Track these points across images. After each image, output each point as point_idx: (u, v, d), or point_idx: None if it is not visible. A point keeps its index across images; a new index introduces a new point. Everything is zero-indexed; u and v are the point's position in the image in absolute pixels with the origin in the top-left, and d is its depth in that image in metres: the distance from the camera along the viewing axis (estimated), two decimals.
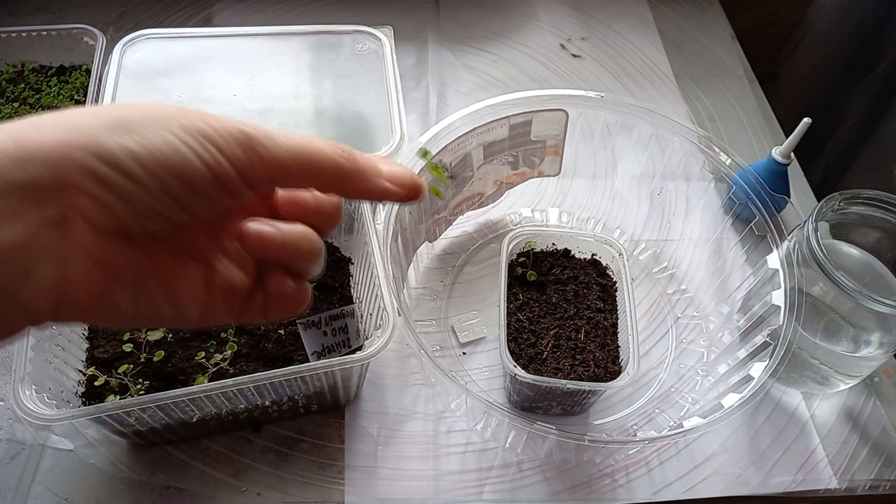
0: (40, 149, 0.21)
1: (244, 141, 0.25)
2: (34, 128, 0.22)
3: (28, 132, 0.22)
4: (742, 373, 0.56)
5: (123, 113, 0.23)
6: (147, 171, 0.23)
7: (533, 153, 0.69)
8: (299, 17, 0.91)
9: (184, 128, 0.24)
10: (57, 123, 0.22)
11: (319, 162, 0.26)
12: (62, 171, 0.22)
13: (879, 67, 0.95)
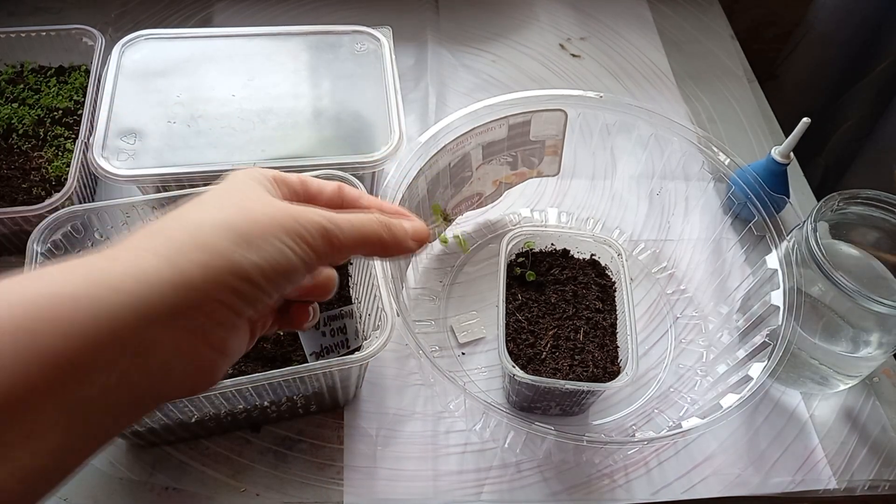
0: (190, 275, 0.26)
1: (324, 234, 0.30)
2: (181, 253, 0.26)
3: (179, 260, 0.26)
4: (741, 373, 0.56)
5: (242, 226, 0.28)
6: (268, 280, 0.28)
7: (532, 153, 0.69)
8: (298, 17, 0.91)
9: (286, 232, 0.29)
10: (196, 243, 0.27)
11: (371, 241, 0.33)
12: (209, 290, 0.26)
13: (879, 67, 0.95)
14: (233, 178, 0.32)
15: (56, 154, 0.69)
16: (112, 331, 0.23)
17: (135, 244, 0.26)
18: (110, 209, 0.57)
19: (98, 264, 0.25)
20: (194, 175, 0.60)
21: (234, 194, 0.30)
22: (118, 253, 0.26)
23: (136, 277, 0.25)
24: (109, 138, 0.62)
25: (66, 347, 0.22)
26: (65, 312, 0.23)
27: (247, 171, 0.33)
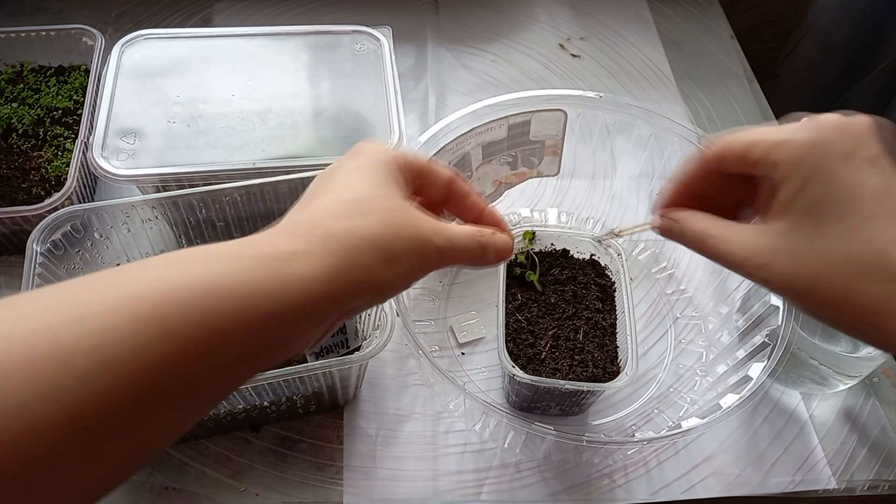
0: (341, 288, 0.29)
1: (439, 256, 0.34)
2: (339, 265, 0.29)
3: (337, 269, 0.29)
4: (741, 373, 0.56)
5: (385, 246, 0.31)
6: (392, 292, 0.33)
7: (532, 153, 0.69)
8: (298, 17, 0.91)
9: (416, 255, 0.33)
10: (350, 261, 0.30)
11: (465, 258, 0.37)
12: (349, 299, 0.30)
13: (879, 67, 0.95)
14: (372, 161, 0.35)
15: (56, 154, 0.69)
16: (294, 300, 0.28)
17: (306, 238, 0.30)
18: (110, 209, 0.57)
19: (282, 266, 0.28)
20: (194, 175, 0.60)
21: (378, 197, 0.33)
22: (297, 247, 0.29)
23: (314, 279, 0.29)
24: (109, 138, 0.62)
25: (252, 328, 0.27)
26: (266, 302, 0.27)
27: (383, 155, 0.36)
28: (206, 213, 0.61)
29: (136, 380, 0.23)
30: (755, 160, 0.35)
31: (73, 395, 0.22)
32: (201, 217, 0.61)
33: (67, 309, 0.23)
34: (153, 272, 0.26)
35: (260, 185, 0.59)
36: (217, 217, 0.62)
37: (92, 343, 0.22)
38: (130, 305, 0.24)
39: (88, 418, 0.22)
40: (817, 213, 0.33)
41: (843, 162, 0.33)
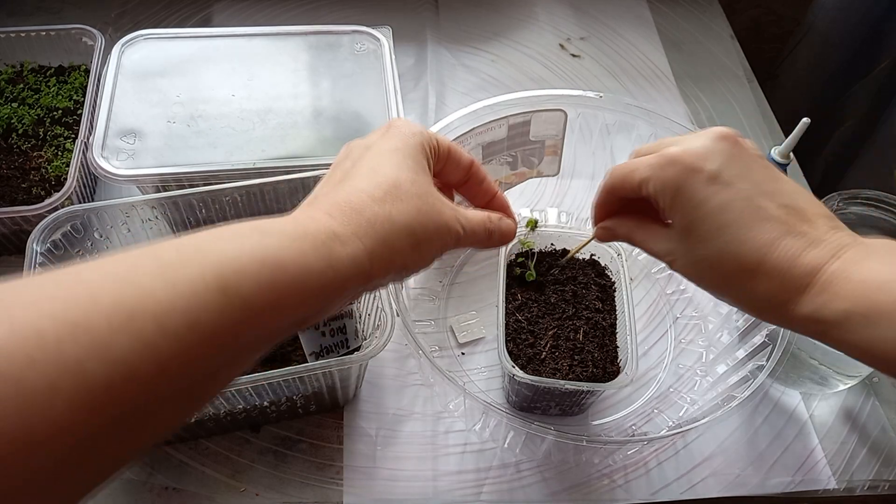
0: (378, 268, 0.33)
1: (458, 241, 0.38)
2: (377, 250, 0.33)
3: (374, 253, 0.33)
4: (741, 373, 0.56)
5: (419, 234, 0.35)
6: (416, 272, 0.37)
7: (532, 153, 0.69)
8: (298, 17, 0.91)
9: (441, 241, 0.37)
10: (387, 243, 0.34)
11: (476, 241, 0.40)
12: (382, 277, 0.34)
13: (879, 67, 0.95)
14: (404, 144, 0.38)
15: (56, 154, 0.69)
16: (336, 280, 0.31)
17: (350, 222, 0.33)
18: (110, 209, 0.57)
19: (332, 247, 0.31)
20: (194, 175, 0.60)
21: (410, 183, 0.36)
22: (343, 230, 0.32)
23: (353, 262, 0.32)
24: (109, 138, 0.62)
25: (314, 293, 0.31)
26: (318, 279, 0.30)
27: (414, 137, 0.38)
28: (206, 213, 0.61)
29: (216, 339, 0.26)
30: (635, 191, 0.42)
31: (164, 351, 0.24)
32: (201, 217, 0.61)
33: (159, 271, 0.26)
34: (230, 245, 0.28)
35: (260, 185, 0.59)
36: (217, 217, 0.62)
37: (182, 305, 0.25)
38: (216, 273, 0.27)
39: (175, 370, 0.25)
40: (685, 231, 0.40)
41: (690, 186, 0.39)
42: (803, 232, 0.37)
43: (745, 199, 0.38)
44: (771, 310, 0.38)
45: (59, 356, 0.22)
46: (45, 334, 0.22)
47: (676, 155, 0.40)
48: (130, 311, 0.24)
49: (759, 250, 0.37)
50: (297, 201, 0.62)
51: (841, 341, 0.36)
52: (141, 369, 0.24)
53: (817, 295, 0.36)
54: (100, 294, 0.24)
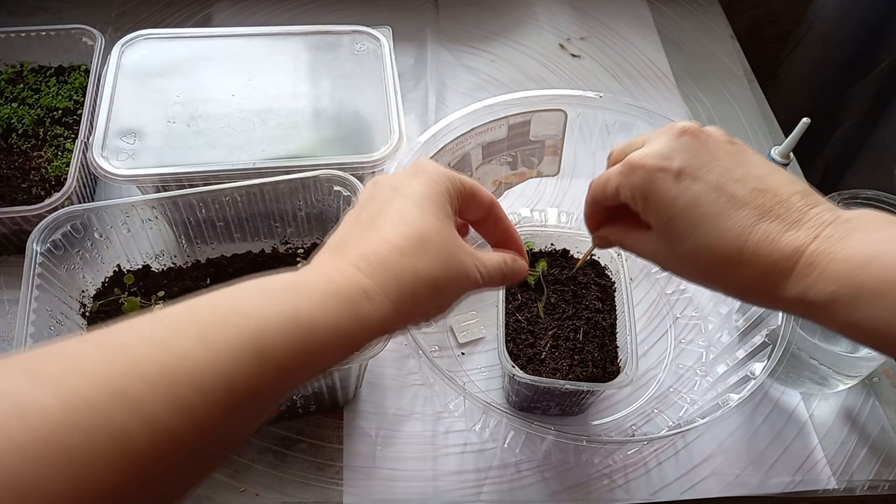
0: (400, 321, 0.35)
1: (476, 287, 0.39)
2: (401, 307, 0.34)
3: (399, 310, 0.34)
4: (741, 373, 0.56)
5: (441, 286, 0.36)
6: (435, 319, 0.38)
7: (532, 153, 0.69)
8: (298, 17, 0.91)
9: (461, 290, 0.38)
10: (413, 298, 0.35)
11: (491, 284, 0.40)
12: (405, 325, 0.36)
13: (879, 67, 0.95)
14: (431, 191, 0.38)
15: (56, 154, 0.69)
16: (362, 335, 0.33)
17: (377, 277, 0.34)
18: (110, 209, 0.57)
19: (359, 306, 0.32)
20: (194, 175, 0.60)
21: (436, 233, 0.37)
22: (370, 286, 0.33)
23: (380, 318, 0.33)
24: (109, 138, 0.62)
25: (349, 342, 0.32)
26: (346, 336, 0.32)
27: (440, 183, 0.39)
28: (206, 213, 0.61)
29: (249, 397, 0.27)
30: (614, 199, 0.43)
31: (203, 413, 0.25)
32: (201, 217, 0.61)
33: (198, 335, 0.27)
34: (265, 305, 0.29)
35: (260, 185, 0.59)
36: (217, 217, 0.62)
37: (220, 369, 0.26)
38: (252, 336, 0.28)
39: (211, 429, 0.26)
40: (662, 231, 0.41)
41: (658, 188, 0.39)
42: (778, 214, 0.37)
43: (714, 190, 0.38)
44: (760, 295, 0.38)
45: (105, 424, 0.23)
46: (91, 403, 0.23)
47: (639, 160, 0.40)
48: (171, 376, 0.25)
49: (736, 239, 0.37)
50: (297, 201, 0.62)
51: (831, 322, 0.35)
52: (181, 432, 0.25)
53: (802, 278, 0.36)
54: (141, 361, 0.25)
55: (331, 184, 0.60)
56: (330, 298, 0.31)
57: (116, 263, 0.62)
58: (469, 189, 0.41)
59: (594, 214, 0.47)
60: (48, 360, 0.24)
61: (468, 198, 0.41)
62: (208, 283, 0.62)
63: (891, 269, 0.33)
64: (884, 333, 0.33)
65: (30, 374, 0.23)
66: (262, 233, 0.65)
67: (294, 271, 0.33)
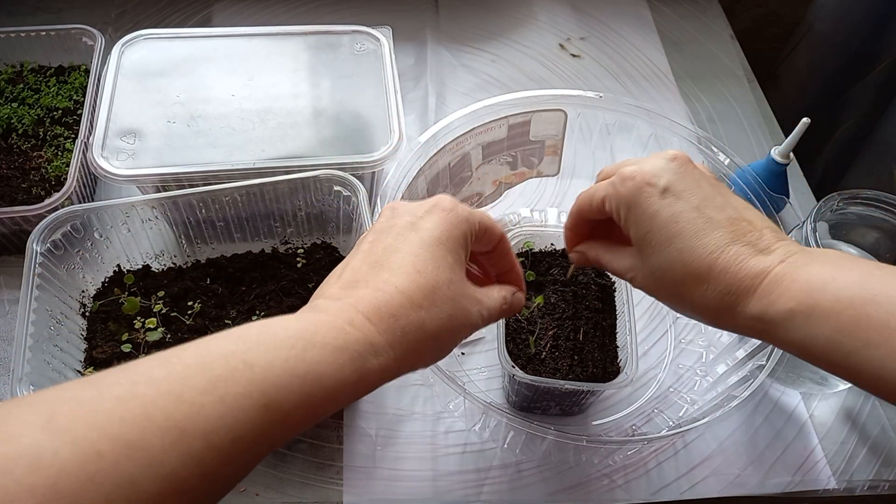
0: (405, 370, 0.37)
1: (476, 329, 0.41)
2: (406, 358, 0.36)
3: (403, 362, 0.36)
4: (741, 373, 0.56)
5: (444, 340, 0.39)
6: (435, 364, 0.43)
7: (532, 153, 0.69)
8: (298, 17, 0.91)
9: (462, 336, 0.41)
10: (416, 352, 0.37)
11: (491, 320, 0.42)
12: (408, 372, 0.38)
13: (879, 67, 0.95)
14: (446, 236, 0.39)
15: (56, 154, 0.69)
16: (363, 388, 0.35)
17: (388, 329, 0.35)
18: (110, 209, 0.58)
19: (365, 359, 0.34)
20: (194, 175, 0.60)
21: (447, 286, 0.38)
22: (376, 340, 0.34)
23: (381, 370, 0.35)
24: (109, 138, 0.62)
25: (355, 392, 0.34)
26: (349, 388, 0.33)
27: (457, 228, 0.40)
28: (206, 213, 0.61)
29: (255, 447, 0.29)
30: (599, 211, 0.45)
31: (210, 464, 0.27)
32: (201, 217, 0.61)
33: (209, 387, 0.28)
34: (275, 358, 0.30)
35: (260, 185, 0.59)
36: (217, 217, 0.62)
37: (229, 422, 0.28)
38: (260, 391, 0.29)
39: (217, 478, 0.28)
40: (640, 242, 0.42)
41: (643, 201, 0.42)
42: (750, 240, 0.40)
43: (694, 210, 0.40)
44: (720, 314, 0.40)
45: (115, 475, 0.24)
46: (104, 454, 0.24)
47: (631, 173, 0.42)
48: (182, 428, 0.26)
49: (708, 257, 0.39)
50: (297, 201, 0.62)
51: (783, 340, 0.38)
52: (189, 482, 0.26)
53: (764, 296, 0.38)
54: (153, 412, 0.26)
55: (331, 184, 0.60)
56: (339, 353, 0.32)
57: (116, 263, 0.62)
58: (483, 228, 0.42)
59: (575, 227, 0.49)
60: (65, 411, 0.25)
61: (481, 236, 0.42)
62: (208, 283, 0.62)
63: (844, 290, 0.35)
64: (827, 351, 0.35)
65: (48, 428, 0.24)
66: (262, 233, 0.65)
67: (308, 313, 0.35)
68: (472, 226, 0.41)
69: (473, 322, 0.40)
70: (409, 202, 0.42)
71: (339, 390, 0.32)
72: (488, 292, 0.42)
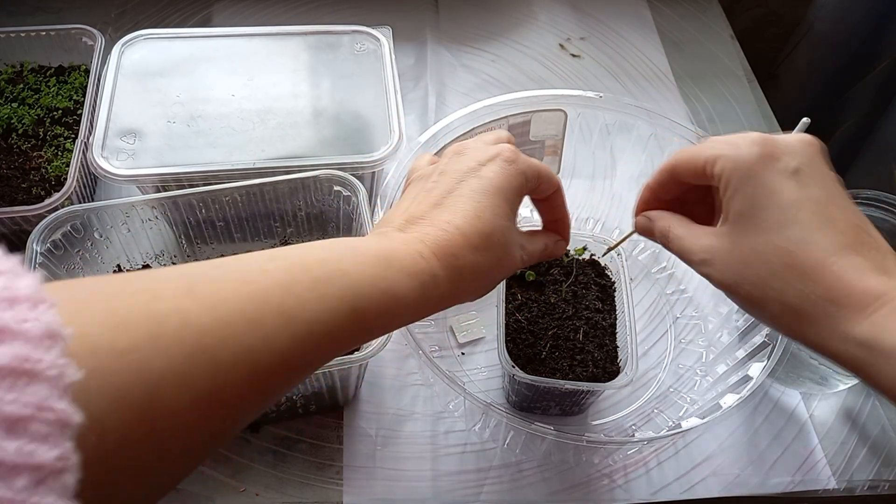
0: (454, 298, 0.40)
1: (515, 270, 0.44)
2: (459, 286, 0.39)
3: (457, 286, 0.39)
4: (741, 373, 0.56)
5: (491, 273, 0.41)
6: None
7: (532, 153, 0.69)
8: (298, 17, 0.91)
9: (505, 275, 0.45)
10: (464, 288, 0.40)
11: (536, 260, 0.47)
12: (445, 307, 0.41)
13: (879, 67, 0.95)
14: (505, 183, 0.41)
15: (56, 154, 0.69)
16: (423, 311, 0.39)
17: (449, 266, 0.38)
18: (110, 209, 0.57)
19: (427, 285, 0.37)
20: (194, 175, 0.60)
21: (500, 233, 0.40)
22: (439, 272, 0.37)
23: (438, 299, 0.38)
24: (109, 138, 0.62)
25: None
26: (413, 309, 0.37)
27: (518, 175, 0.42)
28: (206, 213, 0.61)
29: (340, 344, 0.33)
30: (701, 170, 0.41)
31: (309, 349, 0.31)
32: (201, 217, 0.61)
33: (312, 285, 0.32)
34: (365, 271, 0.34)
35: (260, 185, 0.59)
36: (217, 217, 0.62)
37: (326, 317, 0.31)
38: (353, 295, 0.33)
39: (310, 365, 0.32)
40: (743, 217, 0.38)
41: (768, 173, 0.37)
42: (874, 256, 0.36)
43: (818, 203, 0.37)
44: (814, 323, 0.36)
45: (240, 343, 0.28)
46: (232, 324, 0.28)
47: (761, 138, 0.38)
48: (290, 315, 0.30)
49: (822, 255, 0.36)
50: (297, 201, 0.62)
51: (886, 377, 0.33)
52: (291, 361, 0.30)
53: (880, 320, 0.34)
54: (268, 298, 0.30)
55: (331, 184, 0.60)
56: (411, 279, 0.36)
57: (116, 263, 0.62)
58: (540, 179, 0.44)
59: (658, 188, 0.45)
60: (201, 283, 0.29)
61: (536, 185, 0.44)
62: None
63: None
64: None
65: (189, 296, 0.28)
66: (262, 233, 0.65)
67: (381, 238, 0.39)
68: (528, 176, 0.42)
69: (516, 265, 0.43)
70: (475, 144, 0.44)
71: (407, 309, 0.36)
72: (533, 238, 0.46)
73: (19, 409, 0.20)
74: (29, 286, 0.22)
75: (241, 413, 0.29)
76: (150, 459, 0.25)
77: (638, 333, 0.60)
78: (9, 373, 0.20)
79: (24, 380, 0.20)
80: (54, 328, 0.21)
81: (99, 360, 0.23)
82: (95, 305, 0.25)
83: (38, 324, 0.21)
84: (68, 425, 0.20)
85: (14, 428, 0.19)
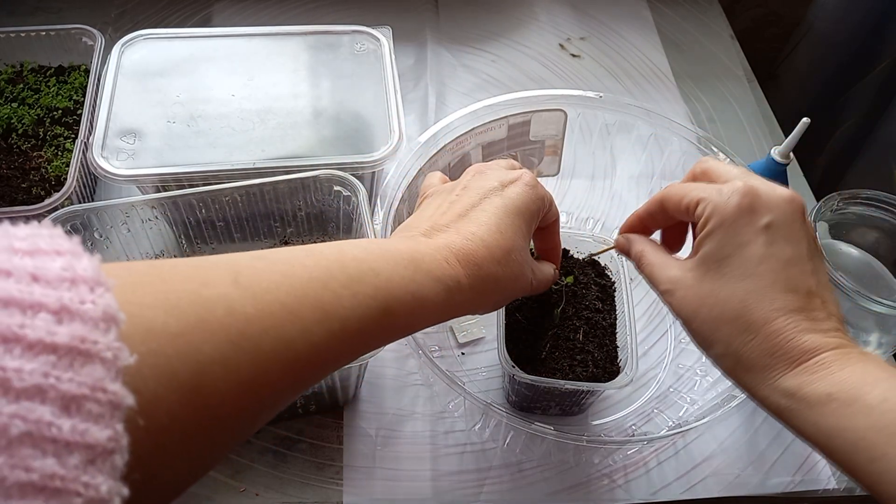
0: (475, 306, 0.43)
1: (524, 292, 0.47)
2: (483, 294, 0.42)
3: (482, 296, 0.42)
4: None
5: (508, 289, 0.44)
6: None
7: (531, 153, 0.69)
8: (298, 17, 0.91)
9: (515, 297, 0.47)
10: (485, 294, 0.42)
11: (545, 286, 0.49)
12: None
13: (879, 67, 0.95)
14: (525, 209, 0.44)
15: (56, 154, 0.69)
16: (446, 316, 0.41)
17: (473, 276, 0.40)
18: (110, 209, 0.57)
19: (453, 293, 0.39)
20: (194, 175, 0.60)
21: (519, 251, 0.43)
22: (464, 281, 0.39)
23: (459, 306, 0.41)
24: (109, 138, 0.62)
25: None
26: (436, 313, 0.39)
27: (537, 201, 0.45)
28: (206, 213, 0.61)
29: (370, 342, 0.35)
30: (685, 208, 0.43)
31: (342, 343, 0.32)
32: (201, 217, 0.61)
33: (347, 283, 0.33)
34: (396, 273, 0.36)
35: (260, 185, 0.59)
36: (217, 217, 0.62)
37: (359, 314, 0.33)
38: (385, 295, 0.34)
39: (342, 359, 0.34)
40: (711, 260, 0.40)
41: (742, 225, 0.40)
42: (816, 318, 0.38)
43: (783, 262, 0.39)
44: (750, 370, 0.39)
45: (280, 333, 0.29)
46: (274, 315, 0.29)
47: (746, 189, 0.40)
48: (326, 310, 0.31)
49: (769, 311, 0.38)
50: (297, 201, 0.62)
51: (807, 423, 0.36)
52: (325, 354, 0.32)
53: (805, 373, 0.37)
54: (307, 292, 0.31)
55: (331, 184, 0.60)
56: (437, 283, 0.37)
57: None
58: (550, 205, 0.47)
59: (646, 217, 0.48)
60: (246, 273, 0.30)
61: (546, 211, 0.47)
62: None
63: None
64: (854, 449, 0.34)
65: (235, 285, 0.29)
66: (262, 233, 0.66)
67: (408, 241, 0.40)
68: (543, 205, 0.45)
69: (526, 286, 0.45)
70: (496, 166, 0.46)
71: (432, 312, 0.38)
72: (541, 265, 0.49)
73: (75, 388, 0.20)
74: (89, 268, 0.23)
75: (278, 400, 0.31)
76: (194, 442, 0.26)
77: (638, 333, 0.60)
78: (67, 352, 0.20)
79: (80, 360, 0.20)
80: (111, 311, 0.22)
81: (152, 341, 0.24)
82: (148, 288, 0.26)
83: (97, 306, 0.22)
84: (120, 407, 0.21)
85: (69, 406, 0.20)
